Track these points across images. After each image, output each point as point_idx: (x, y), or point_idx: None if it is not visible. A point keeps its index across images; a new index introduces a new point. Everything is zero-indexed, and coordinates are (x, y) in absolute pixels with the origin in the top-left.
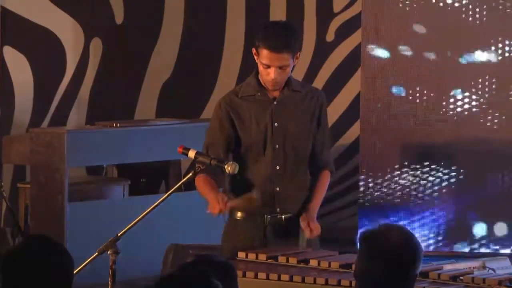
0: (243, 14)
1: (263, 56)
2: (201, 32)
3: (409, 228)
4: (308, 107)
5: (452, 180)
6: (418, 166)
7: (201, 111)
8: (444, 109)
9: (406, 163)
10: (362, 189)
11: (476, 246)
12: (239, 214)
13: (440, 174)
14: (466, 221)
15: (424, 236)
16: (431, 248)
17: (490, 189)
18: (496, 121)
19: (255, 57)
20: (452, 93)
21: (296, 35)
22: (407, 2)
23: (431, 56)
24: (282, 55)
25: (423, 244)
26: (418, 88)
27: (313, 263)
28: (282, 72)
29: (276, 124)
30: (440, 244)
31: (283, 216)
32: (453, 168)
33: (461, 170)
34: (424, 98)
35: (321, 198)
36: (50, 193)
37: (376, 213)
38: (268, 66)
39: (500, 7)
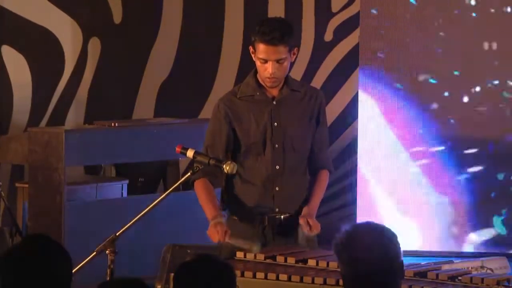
0: (241, 14)
1: (260, 51)
2: (199, 31)
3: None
4: (307, 107)
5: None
6: (416, 166)
7: (199, 110)
8: (442, 110)
9: (405, 163)
10: (360, 188)
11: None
12: (238, 214)
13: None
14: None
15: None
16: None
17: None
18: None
19: (252, 56)
20: (450, 93)
21: (291, 29)
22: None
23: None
24: (278, 48)
25: (420, 244)
26: (417, 88)
27: (311, 262)
28: (279, 66)
29: (275, 123)
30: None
31: (282, 216)
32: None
33: (458, 171)
34: (424, 96)
35: (320, 198)
36: (48, 193)
37: (374, 213)
38: (265, 61)
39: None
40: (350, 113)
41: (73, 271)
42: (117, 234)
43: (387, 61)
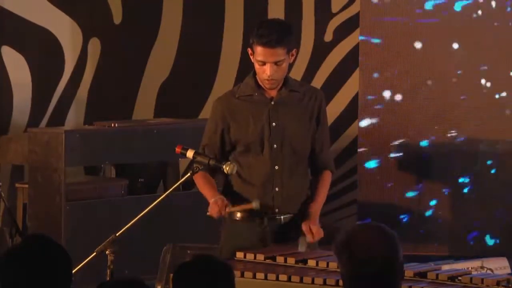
0: (241, 14)
1: (258, 53)
2: (199, 31)
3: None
4: (307, 107)
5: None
6: (415, 165)
7: (199, 110)
8: (443, 109)
9: (405, 162)
10: (360, 188)
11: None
12: (238, 214)
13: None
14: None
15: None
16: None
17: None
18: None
19: (251, 57)
20: (451, 92)
21: (289, 31)
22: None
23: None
24: (276, 50)
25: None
26: (416, 87)
27: (311, 263)
28: (278, 68)
29: (274, 124)
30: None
31: (282, 217)
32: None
33: (457, 171)
34: (423, 97)
35: (323, 200)
36: (48, 193)
37: (374, 212)
38: (264, 63)
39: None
40: (350, 113)
41: (73, 271)
42: (117, 234)
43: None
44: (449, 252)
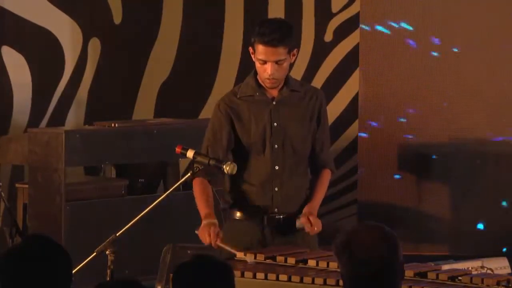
0: (241, 14)
1: (259, 52)
2: (199, 31)
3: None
4: (307, 107)
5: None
6: (415, 165)
7: (199, 110)
8: (443, 109)
9: (404, 162)
10: (360, 188)
11: None
12: (238, 214)
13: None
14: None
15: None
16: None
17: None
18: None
19: (252, 56)
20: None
21: (291, 31)
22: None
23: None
24: (278, 49)
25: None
26: (416, 88)
27: (311, 263)
28: (279, 67)
29: (275, 124)
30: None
31: (281, 217)
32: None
33: (457, 171)
34: (423, 98)
35: (321, 197)
36: (48, 193)
37: (375, 212)
38: (265, 62)
39: None
40: (350, 113)
41: (73, 271)
42: (117, 235)
43: None
44: (449, 252)
